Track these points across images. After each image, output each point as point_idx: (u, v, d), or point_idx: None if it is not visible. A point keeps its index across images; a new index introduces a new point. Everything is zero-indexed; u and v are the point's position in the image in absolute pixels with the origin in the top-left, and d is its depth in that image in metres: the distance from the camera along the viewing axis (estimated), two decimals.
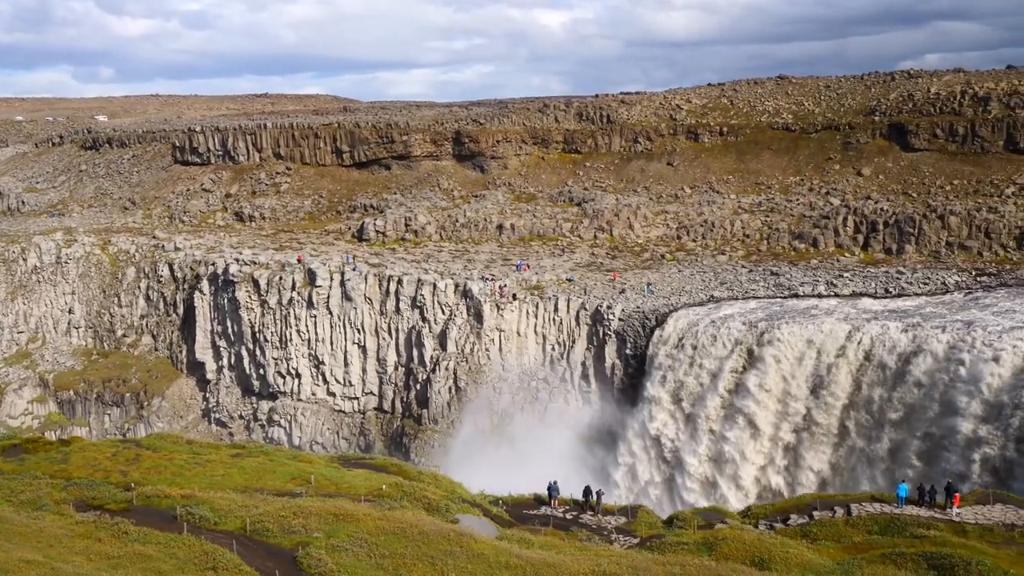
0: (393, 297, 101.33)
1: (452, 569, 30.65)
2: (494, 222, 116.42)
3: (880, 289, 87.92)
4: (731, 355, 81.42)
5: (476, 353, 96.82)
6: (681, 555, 36.15)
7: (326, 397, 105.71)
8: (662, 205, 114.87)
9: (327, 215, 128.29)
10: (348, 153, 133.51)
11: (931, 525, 41.71)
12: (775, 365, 78.82)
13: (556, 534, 42.28)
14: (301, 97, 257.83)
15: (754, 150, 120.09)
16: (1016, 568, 35.48)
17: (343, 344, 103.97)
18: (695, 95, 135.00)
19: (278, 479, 44.20)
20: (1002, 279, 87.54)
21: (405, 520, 34.66)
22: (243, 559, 30.21)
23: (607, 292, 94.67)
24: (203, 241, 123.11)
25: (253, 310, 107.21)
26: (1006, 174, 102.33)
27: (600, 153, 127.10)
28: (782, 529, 44.78)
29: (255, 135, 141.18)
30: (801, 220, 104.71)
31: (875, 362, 75.33)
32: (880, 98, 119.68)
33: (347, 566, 30.46)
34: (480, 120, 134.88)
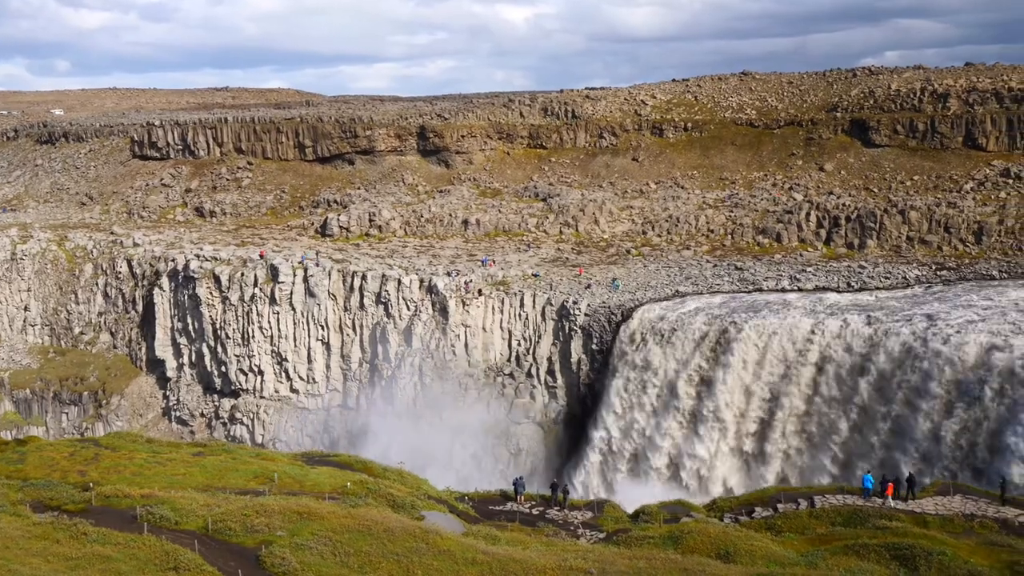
0: (357, 293, 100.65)
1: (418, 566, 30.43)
2: (459, 217, 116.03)
3: (842, 283, 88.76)
4: (696, 349, 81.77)
5: (442, 349, 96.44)
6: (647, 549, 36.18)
7: (289, 394, 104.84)
8: (627, 200, 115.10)
9: (290, 210, 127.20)
10: (311, 148, 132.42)
11: (893, 516, 42.02)
12: (739, 359, 79.30)
13: (522, 530, 42.14)
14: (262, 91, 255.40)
15: (718, 146, 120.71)
16: (976, 557, 35.87)
17: (306, 341, 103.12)
18: (660, 91, 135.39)
19: (240, 478, 43.67)
20: (961, 273, 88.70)
21: (370, 517, 34.37)
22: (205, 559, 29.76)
23: (573, 287, 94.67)
24: (163, 237, 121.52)
25: (214, 307, 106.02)
26: (965, 170, 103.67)
27: (565, 148, 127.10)
28: (747, 522, 44.93)
29: (216, 129, 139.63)
30: (765, 215, 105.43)
31: (837, 356, 76.00)
32: (842, 94, 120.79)
33: (311, 565, 30.12)
34: (445, 115, 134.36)
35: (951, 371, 69.97)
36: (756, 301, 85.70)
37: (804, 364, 77.24)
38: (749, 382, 79.56)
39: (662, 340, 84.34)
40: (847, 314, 78.76)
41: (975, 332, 71.26)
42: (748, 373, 79.54)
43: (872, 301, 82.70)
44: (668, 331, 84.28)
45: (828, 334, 76.98)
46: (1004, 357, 68.34)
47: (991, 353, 69.21)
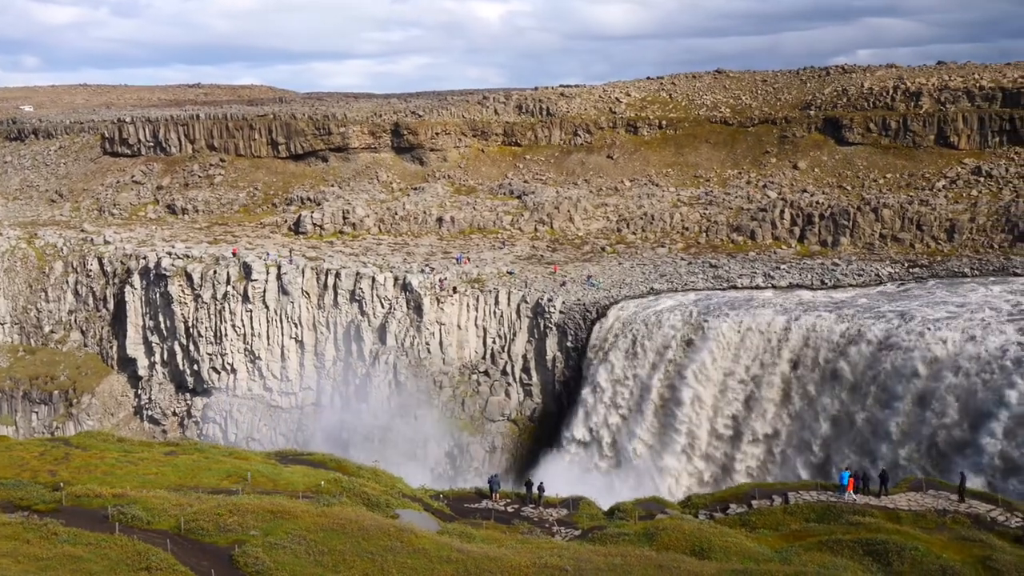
0: (331, 291, 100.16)
1: (392, 565, 30.28)
2: (434, 215, 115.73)
3: (816, 281, 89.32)
4: (670, 346, 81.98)
5: (416, 347, 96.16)
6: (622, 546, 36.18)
7: (263, 392, 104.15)
8: (602, 198, 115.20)
9: (263, 208, 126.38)
10: (284, 145, 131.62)
11: (866, 512, 42.25)
12: (714, 356, 79.59)
13: (498, 527, 42.08)
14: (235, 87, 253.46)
15: (692, 143, 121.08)
16: (948, 553, 36.12)
17: (280, 339, 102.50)
18: (634, 88, 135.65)
19: (213, 477, 43.28)
20: (933, 270, 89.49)
21: (344, 516, 34.17)
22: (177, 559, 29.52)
23: (548, 285, 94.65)
24: (134, 234, 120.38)
25: (186, 305, 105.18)
26: (937, 168, 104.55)
27: (540, 146, 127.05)
28: (722, 518, 45.10)
29: (187, 126, 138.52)
30: (739, 213, 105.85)
31: (811, 352, 76.44)
32: (815, 93, 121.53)
33: (285, 564, 29.92)
34: (419, 112, 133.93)
35: (923, 368, 70.51)
36: (730, 298, 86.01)
37: (778, 361, 77.60)
38: (723, 379, 79.85)
39: (637, 337, 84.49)
40: (820, 311, 79.21)
41: (947, 329, 71.86)
42: (722, 370, 79.82)
43: (845, 298, 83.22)
44: (643, 328, 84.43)
45: (802, 331, 77.39)
46: (975, 353, 68.97)
47: (962, 349, 69.83)
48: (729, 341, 79.64)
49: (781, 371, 77.64)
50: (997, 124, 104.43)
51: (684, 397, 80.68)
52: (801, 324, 77.90)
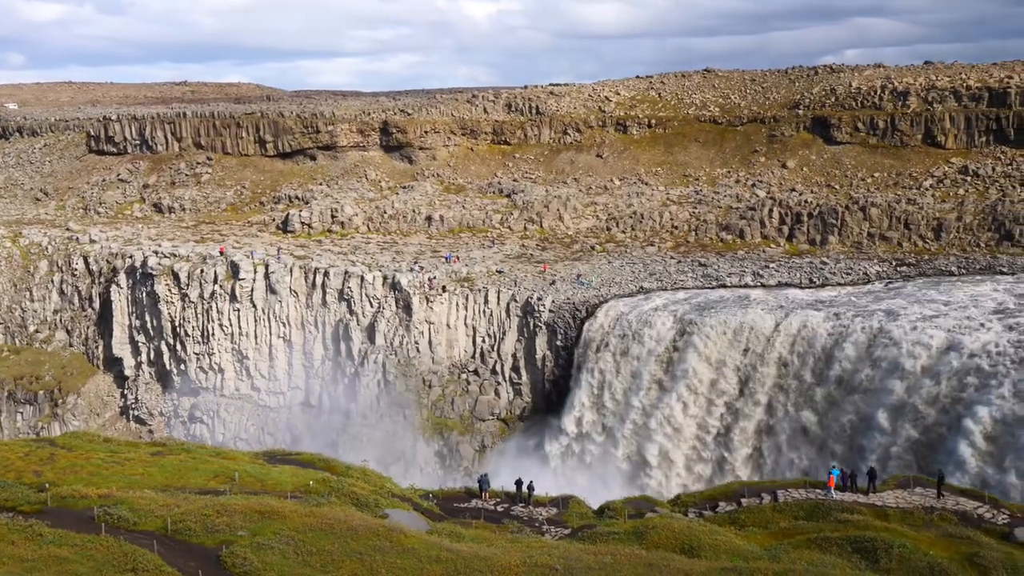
0: (319, 290, 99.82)
1: (381, 565, 30.15)
2: (423, 213, 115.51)
3: (805, 279, 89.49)
4: (660, 345, 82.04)
5: (405, 346, 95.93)
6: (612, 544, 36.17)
7: (250, 392, 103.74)
8: (591, 197, 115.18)
9: (250, 206, 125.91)
10: (272, 143, 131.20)
11: (854, 509, 42.37)
12: (703, 354, 79.65)
13: (487, 527, 42.02)
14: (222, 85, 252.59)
15: (682, 142, 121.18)
16: (935, 549, 36.28)
17: (268, 338, 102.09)
18: (623, 87, 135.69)
19: (200, 477, 43.10)
20: (921, 269, 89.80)
21: (333, 516, 34.03)
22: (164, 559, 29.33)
23: (537, 284, 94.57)
24: (120, 233, 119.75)
25: (173, 304, 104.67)
26: (924, 167, 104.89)
27: (529, 144, 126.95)
28: (711, 516, 45.15)
29: (174, 124, 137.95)
30: (728, 212, 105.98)
31: (800, 351, 76.58)
32: (804, 92, 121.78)
33: (273, 564, 29.74)
34: (408, 110, 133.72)
35: (910, 365, 70.70)
36: (720, 297, 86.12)
37: (767, 359, 77.72)
38: (712, 377, 79.92)
39: (626, 336, 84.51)
40: (809, 310, 79.35)
41: (934, 328, 72.10)
42: (711, 368, 79.89)
43: (834, 297, 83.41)
44: (633, 327, 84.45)
45: (790, 330, 77.52)
46: (962, 351, 69.21)
47: (949, 348, 70.08)
48: (718, 340, 79.69)
49: (770, 369, 77.74)
50: (984, 124, 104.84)
51: (674, 395, 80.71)
52: (790, 323, 78.02)
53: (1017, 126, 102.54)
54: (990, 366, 67.65)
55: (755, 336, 78.58)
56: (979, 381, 67.78)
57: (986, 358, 68.19)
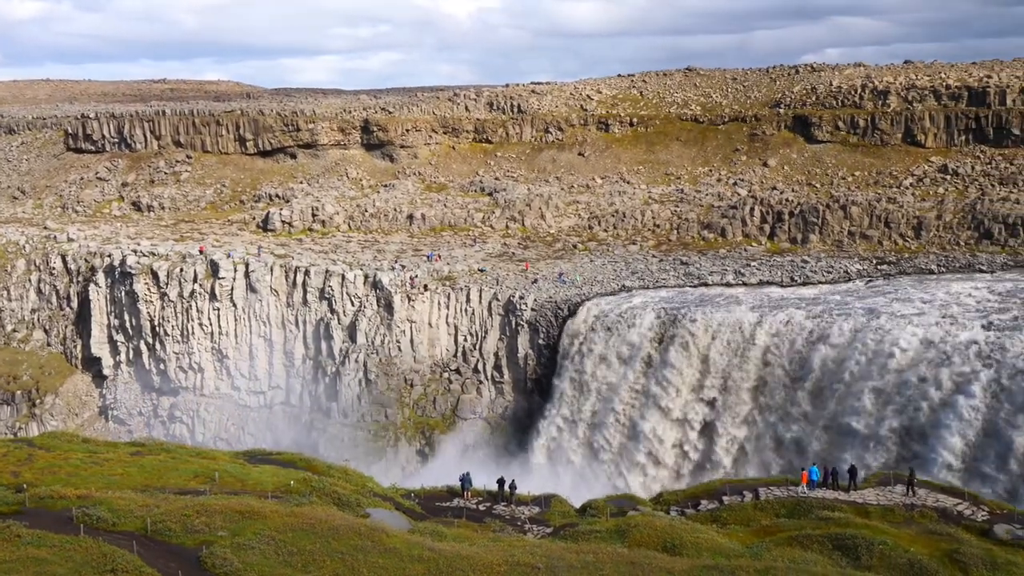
0: (300, 288, 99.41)
1: (363, 564, 30.03)
2: (404, 212, 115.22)
3: (786, 278, 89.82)
4: (642, 343, 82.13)
5: (387, 345, 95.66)
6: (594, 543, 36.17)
7: (231, 392, 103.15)
8: (573, 195, 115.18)
9: (230, 205, 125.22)
10: (252, 141, 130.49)
11: (836, 507, 42.54)
12: (685, 352, 79.77)
13: (469, 526, 41.90)
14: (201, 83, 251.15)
15: (664, 141, 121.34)
16: (916, 546, 36.47)
17: (248, 337, 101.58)
18: (605, 86, 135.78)
19: (180, 477, 42.87)
20: (901, 267, 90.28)
21: (314, 516, 33.88)
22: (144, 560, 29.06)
23: (519, 282, 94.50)
24: (98, 232, 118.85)
25: (152, 303, 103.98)
26: (904, 166, 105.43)
27: (511, 143, 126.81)
28: (693, 515, 45.19)
29: (153, 122, 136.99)
30: (710, 210, 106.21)
31: (781, 349, 76.80)
32: (785, 91, 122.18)
33: (254, 565, 29.57)
34: (389, 109, 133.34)
35: (890, 363, 71.06)
36: (701, 295, 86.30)
37: (748, 357, 77.91)
38: (695, 376, 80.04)
39: (609, 335, 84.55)
40: (790, 308, 79.63)
41: (914, 326, 72.49)
42: (694, 367, 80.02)
43: (815, 295, 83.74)
44: (615, 326, 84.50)
45: (772, 328, 77.76)
46: (941, 349, 69.63)
47: (929, 346, 70.47)
48: (700, 338, 79.82)
49: (752, 367, 77.93)
50: (963, 123, 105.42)
51: (656, 393, 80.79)
52: (771, 321, 78.25)
53: (996, 125, 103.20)
54: (970, 364, 68.07)
55: (737, 334, 78.76)
56: (959, 379, 68.19)
57: (966, 356, 68.60)
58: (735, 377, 78.51)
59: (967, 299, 77.93)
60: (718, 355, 79.20)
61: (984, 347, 68.30)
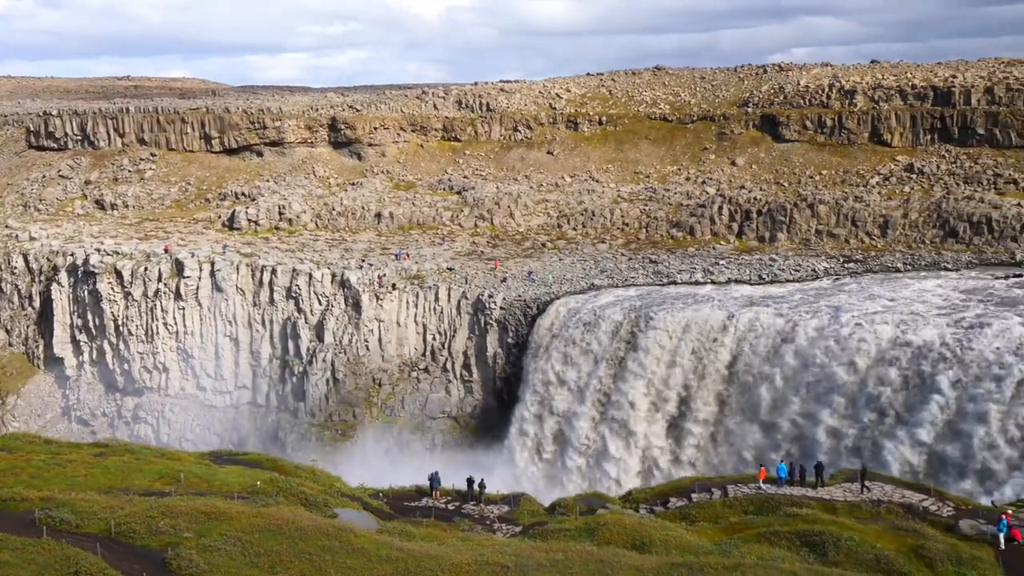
0: (267, 288, 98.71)
1: (331, 565, 29.75)
2: (372, 210, 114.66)
3: (754, 276, 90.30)
4: (611, 342, 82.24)
5: (355, 344, 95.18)
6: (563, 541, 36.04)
7: (196, 392, 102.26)
8: (543, 194, 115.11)
9: (195, 203, 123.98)
10: (217, 139, 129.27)
11: (803, 503, 42.72)
12: (654, 350, 79.98)
13: (438, 525, 41.73)
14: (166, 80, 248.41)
15: (632, 140, 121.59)
16: (882, 542, 36.67)
17: (214, 337, 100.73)
18: (574, 84, 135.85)
19: (145, 478, 42.35)
20: (868, 265, 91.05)
21: (281, 516, 33.52)
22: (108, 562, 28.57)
23: (488, 281, 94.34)
24: (61, 230, 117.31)
25: (116, 302, 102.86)
26: (871, 165, 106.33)
27: (480, 141, 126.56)
28: (662, 512, 45.22)
29: (117, 119, 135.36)
30: (678, 209, 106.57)
31: (749, 346, 77.20)
32: (753, 90, 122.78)
33: (219, 566, 29.22)
34: (356, 106, 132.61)
35: (857, 361, 71.67)
36: (670, 294, 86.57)
37: (717, 355, 78.26)
38: (663, 373, 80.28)
39: (577, 333, 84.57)
40: (758, 306, 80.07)
41: (880, 323, 73.14)
42: (662, 365, 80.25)
43: (783, 293, 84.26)
44: (583, 324, 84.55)
45: (741, 326, 78.15)
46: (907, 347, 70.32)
47: (894, 343, 71.13)
48: (669, 336, 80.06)
49: (720, 365, 78.28)
50: (929, 122, 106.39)
51: (625, 392, 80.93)
52: (739, 319, 78.63)
53: (961, 125, 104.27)
54: (935, 361, 68.80)
55: (705, 332, 79.07)
56: (924, 376, 68.93)
57: (931, 353, 69.32)
58: (703, 375, 78.83)
59: (933, 297, 78.76)
60: (686, 353, 79.47)
61: (949, 345, 69.01)
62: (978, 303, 76.22)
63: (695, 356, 79.30)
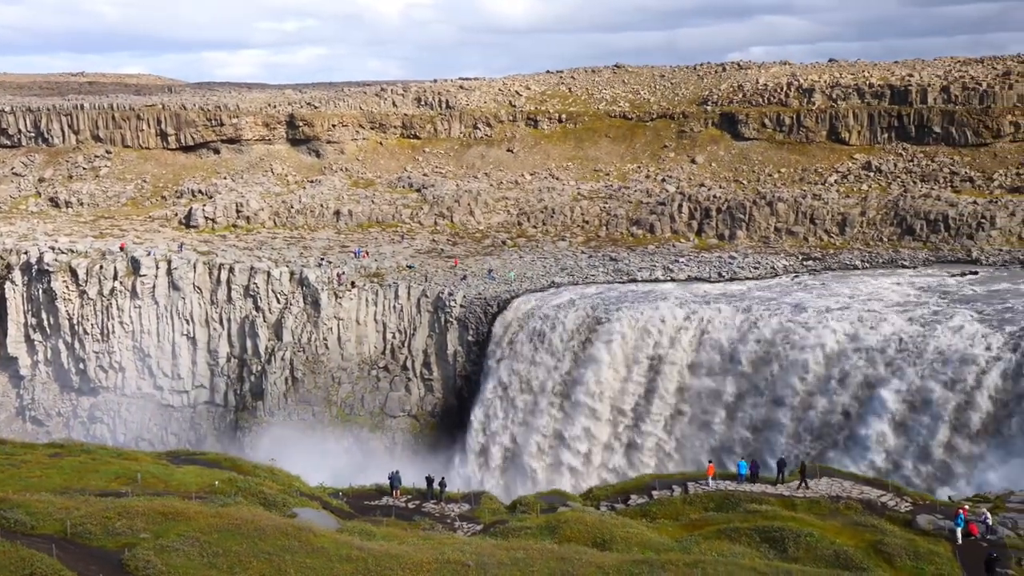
0: (224, 286, 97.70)
1: (291, 565, 29.54)
2: (331, 208, 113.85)
3: (714, 274, 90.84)
4: (571, 339, 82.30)
5: (314, 343, 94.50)
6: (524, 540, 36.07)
7: (153, 391, 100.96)
8: (502, 191, 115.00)
9: (151, 201, 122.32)
10: (174, 136, 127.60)
11: (763, 500, 43.04)
12: (614, 348, 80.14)
13: (399, 524, 41.63)
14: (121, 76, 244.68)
15: (592, 137, 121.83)
16: (841, 538, 37.02)
17: (171, 335, 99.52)
18: (534, 82, 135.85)
19: (101, 478, 41.84)
20: (826, 263, 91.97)
21: (240, 516, 33.23)
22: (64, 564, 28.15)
23: (448, 278, 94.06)
24: (14, 228, 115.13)
25: (71, 301, 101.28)
26: (829, 163, 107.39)
27: (440, 139, 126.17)
28: (623, 509, 45.39)
29: (71, 116, 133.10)
30: (638, 207, 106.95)
31: (709, 344, 77.65)
32: (712, 88, 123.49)
33: (177, 567, 28.91)
34: (315, 103, 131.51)
35: (816, 358, 72.37)
36: (630, 291, 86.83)
37: (677, 353, 78.63)
38: (623, 371, 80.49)
39: (538, 330, 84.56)
40: (718, 303, 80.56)
41: (838, 320, 73.90)
42: (622, 362, 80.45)
43: (742, 290, 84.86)
44: (544, 322, 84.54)
45: (701, 323, 78.57)
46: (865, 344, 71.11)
47: (852, 340, 71.91)
48: (629, 333, 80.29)
49: (680, 363, 78.65)
50: (886, 121, 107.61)
51: (585, 389, 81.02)
52: (699, 316, 79.08)
53: (918, 123, 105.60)
54: (892, 358, 69.66)
55: (665, 329, 79.42)
56: (882, 372, 69.76)
57: (888, 350, 70.17)
58: (663, 372, 79.16)
59: (890, 294, 79.74)
60: (646, 350, 79.76)
61: (906, 341, 69.90)
62: (935, 299, 77.30)
63: (654, 353, 79.61)
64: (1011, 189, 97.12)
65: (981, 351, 66.68)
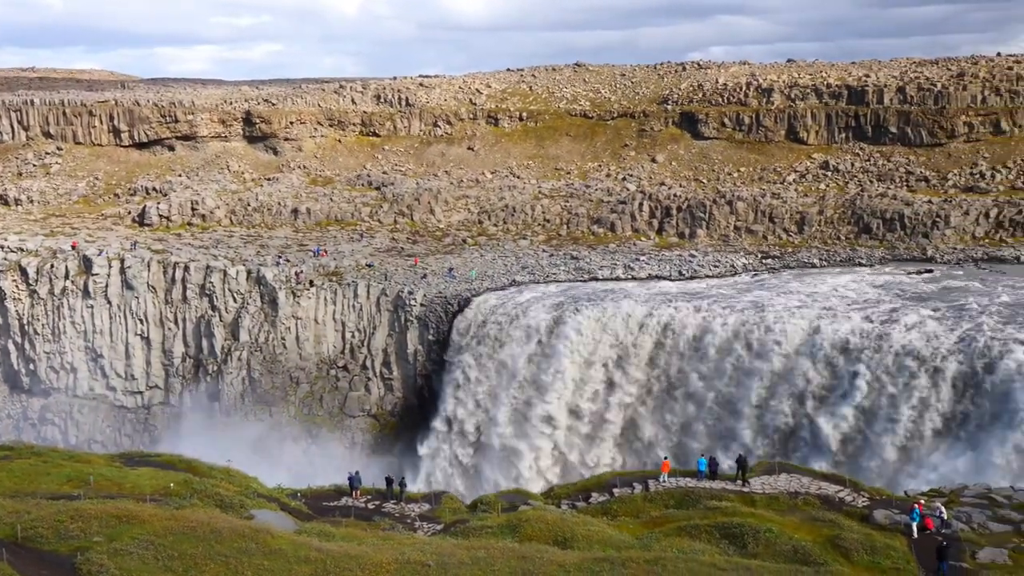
0: (179, 285, 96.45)
1: (248, 567, 29.28)
2: (289, 206, 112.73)
3: (675, 272, 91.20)
4: (532, 338, 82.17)
5: (271, 342, 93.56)
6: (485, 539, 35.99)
7: (106, 392, 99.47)
8: (463, 190, 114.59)
9: (104, 199, 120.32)
10: (127, 132, 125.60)
11: (723, 497, 43.16)
12: (575, 346, 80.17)
13: (358, 525, 41.36)
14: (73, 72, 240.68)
15: (553, 136, 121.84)
16: (800, 533, 37.21)
17: (124, 335, 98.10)
18: (494, 80, 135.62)
19: (53, 481, 41.24)
20: (785, 261, 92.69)
21: (195, 519, 32.87)
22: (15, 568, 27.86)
23: (408, 277, 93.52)
24: None
25: (21, 301, 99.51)
26: (788, 162, 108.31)
27: (399, 136, 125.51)
28: (584, 507, 45.33)
29: (20, 112, 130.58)
30: (599, 205, 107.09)
31: (670, 341, 77.98)
32: (672, 87, 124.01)
33: (132, 570, 28.60)
34: (272, 100, 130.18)
35: (775, 355, 72.88)
36: (592, 290, 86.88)
37: (637, 351, 78.85)
38: (584, 369, 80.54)
39: (498, 329, 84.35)
40: (679, 302, 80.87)
41: (797, 318, 74.49)
42: (582, 360, 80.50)
43: (702, 289, 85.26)
44: (505, 321, 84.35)
45: (661, 321, 78.84)
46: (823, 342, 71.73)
47: (812, 337, 72.50)
48: (590, 332, 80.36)
49: (640, 361, 78.88)
50: (843, 120, 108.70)
51: (546, 388, 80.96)
52: (660, 314, 79.31)
53: (874, 123, 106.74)
54: (850, 355, 70.33)
55: (626, 328, 79.59)
56: (839, 369, 70.42)
57: (846, 347, 70.85)
58: (624, 370, 79.36)
59: (847, 292, 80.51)
60: (607, 349, 79.90)
61: (864, 339, 70.57)
62: (891, 298, 78.17)
63: (615, 351, 79.76)
64: (965, 188, 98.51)
65: (936, 348, 67.51)
